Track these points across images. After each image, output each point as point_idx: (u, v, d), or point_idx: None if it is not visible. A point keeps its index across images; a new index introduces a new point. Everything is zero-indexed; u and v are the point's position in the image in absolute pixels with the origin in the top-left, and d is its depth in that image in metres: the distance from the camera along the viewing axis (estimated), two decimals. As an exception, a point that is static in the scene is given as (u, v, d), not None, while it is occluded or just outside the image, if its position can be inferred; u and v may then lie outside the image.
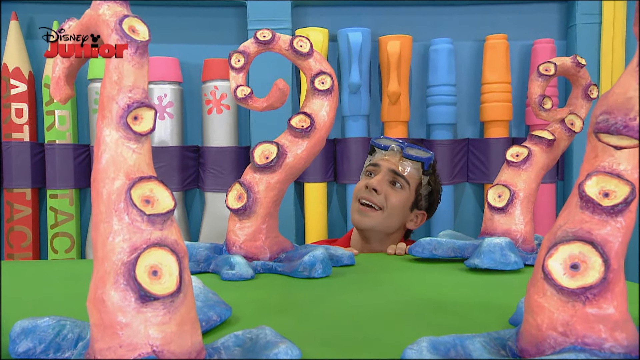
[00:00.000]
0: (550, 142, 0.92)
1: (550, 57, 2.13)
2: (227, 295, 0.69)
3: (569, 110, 0.96)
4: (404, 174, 1.17)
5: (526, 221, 0.88)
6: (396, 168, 1.16)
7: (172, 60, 2.12)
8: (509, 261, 0.79)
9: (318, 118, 0.87)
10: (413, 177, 1.18)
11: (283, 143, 0.86)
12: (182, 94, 2.18)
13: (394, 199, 1.16)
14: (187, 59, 2.19)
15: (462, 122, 2.28)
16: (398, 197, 1.17)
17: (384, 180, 1.16)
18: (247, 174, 0.85)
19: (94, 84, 2.08)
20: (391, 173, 1.16)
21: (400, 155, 1.16)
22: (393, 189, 1.17)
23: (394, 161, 1.17)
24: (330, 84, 0.88)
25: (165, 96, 2.12)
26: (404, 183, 1.17)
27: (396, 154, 1.17)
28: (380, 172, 1.17)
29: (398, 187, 1.17)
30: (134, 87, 0.43)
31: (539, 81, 0.94)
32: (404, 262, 0.92)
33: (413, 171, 1.18)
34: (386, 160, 1.17)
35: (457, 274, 0.81)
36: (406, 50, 2.17)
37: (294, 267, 0.79)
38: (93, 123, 2.12)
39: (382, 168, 1.17)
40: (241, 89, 0.87)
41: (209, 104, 2.16)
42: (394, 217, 1.17)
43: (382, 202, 1.15)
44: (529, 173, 0.90)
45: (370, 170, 1.20)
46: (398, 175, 1.17)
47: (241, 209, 0.83)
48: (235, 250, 0.84)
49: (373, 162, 1.19)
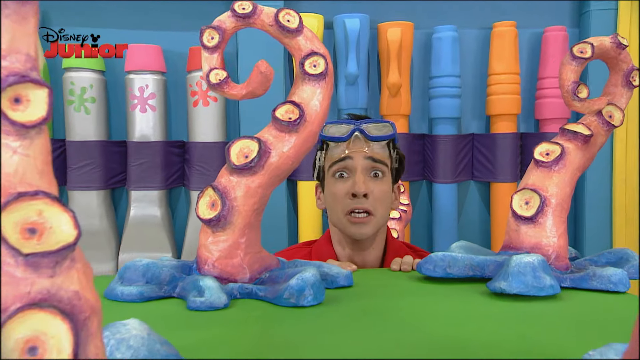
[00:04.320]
0: (587, 138, 0.77)
1: (562, 46, 1.98)
2: (189, 334, 0.54)
3: (607, 100, 0.81)
4: (381, 158, 1.00)
5: (559, 233, 0.73)
6: (370, 154, 0.98)
7: (155, 48, 1.96)
8: (544, 285, 0.64)
9: (309, 108, 0.71)
10: (386, 156, 1.01)
11: (266, 139, 0.70)
12: (166, 84, 2.03)
13: (380, 193, 0.99)
14: (171, 47, 2.03)
15: (466, 116, 2.13)
16: (383, 187, 1.00)
17: (365, 176, 0.98)
18: (222, 177, 0.70)
19: (70, 73, 1.91)
20: (368, 162, 0.98)
21: (365, 139, 0.98)
22: (375, 182, 0.99)
23: (363, 147, 0.98)
24: (324, 67, 0.73)
25: (147, 87, 1.96)
26: (383, 168, 1.00)
27: (361, 140, 0.98)
28: (357, 169, 0.98)
29: (379, 176, 1.00)
30: (10, 52, 0.27)
31: (572, 65, 0.79)
32: (412, 282, 0.77)
33: (382, 151, 1.00)
34: (356, 152, 0.98)
35: (479, 300, 0.66)
36: (407, 38, 2.02)
37: (278, 292, 0.64)
38: (69, 116, 1.96)
39: (356, 163, 0.98)
40: (215, 72, 0.72)
41: (194, 95, 2.01)
42: (385, 211, 1.01)
43: (373, 205, 0.98)
44: (562, 175, 0.75)
45: (341, 169, 1.00)
46: (376, 162, 0.99)
47: (214, 220, 0.67)
48: (208, 269, 0.69)
49: (339, 158, 0.99)
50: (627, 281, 0.69)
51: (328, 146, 1.03)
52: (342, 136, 0.98)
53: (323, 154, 1.04)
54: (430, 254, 1.08)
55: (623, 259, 0.77)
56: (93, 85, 1.93)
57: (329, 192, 1.02)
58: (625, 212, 1.95)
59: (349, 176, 0.99)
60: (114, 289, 0.66)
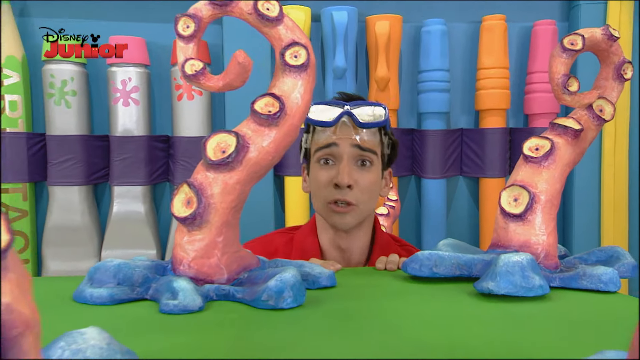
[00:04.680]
0: (577, 133, 0.75)
1: (552, 40, 1.96)
2: (161, 339, 0.51)
3: (598, 93, 0.79)
4: (370, 147, 0.93)
5: (549, 231, 0.70)
6: (358, 142, 0.92)
7: (138, 40, 1.91)
8: (533, 285, 0.61)
9: (289, 101, 0.68)
10: (376, 143, 0.94)
11: (244, 133, 0.67)
12: (149, 77, 1.98)
13: (367, 183, 0.93)
14: (155, 39, 1.98)
15: (455, 111, 2.11)
16: (370, 177, 0.94)
17: (351, 166, 0.92)
18: (198, 173, 0.67)
19: (50, 65, 1.86)
20: (355, 150, 0.92)
21: (353, 125, 0.91)
22: (362, 171, 0.93)
23: (351, 134, 0.92)
24: (306, 58, 0.70)
25: (130, 80, 1.91)
26: (372, 156, 0.94)
27: (349, 126, 0.92)
28: (343, 157, 0.92)
29: (367, 165, 0.94)
30: None
31: (562, 57, 0.76)
32: (397, 281, 0.74)
33: (372, 137, 0.94)
34: (342, 139, 0.92)
35: (466, 302, 0.63)
36: (396, 31, 1.99)
37: (256, 294, 0.61)
38: (50, 109, 1.90)
39: (342, 151, 0.92)
40: (191, 63, 0.68)
41: (179, 89, 1.96)
42: (372, 200, 0.96)
43: (358, 197, 0.93)
44: (552, 171, 0.73)
45: (326, 156, 0.94)
46: (364, 151, 0.92)
47: (190, 218, 0.64)
48: (183, 270, 0.66)
49: (325, 144, 0.93)
50: (617, 280, 0.66)
51: (314, 129, 0.96)
52: (329, 121, 0.92)
53: (309, 137, 0.98)
54: (417, 251, 1.05)
55: (613, 257, 0.75)
56: (74, 78, 1.88)
57: (313, 177, 0.97)
58: (613, 209, 1.94)
59: (334, 164, 0.94)
60: (82, 291, 0.63)
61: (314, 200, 0.98)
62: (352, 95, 1.02)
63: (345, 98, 1.00)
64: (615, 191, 1.95)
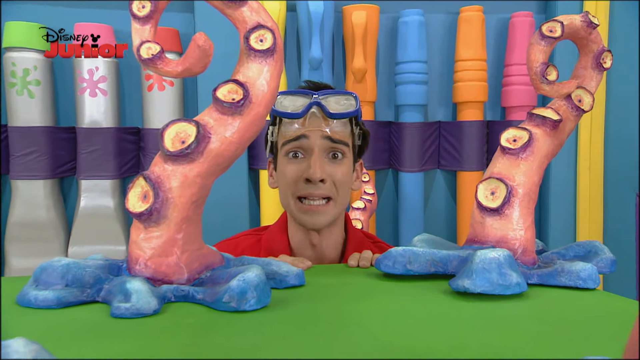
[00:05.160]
0: (556, 124, 0.72)
1: (529, 32, 1.95)
2: (110, 345, 0.47)
3: (577, 83, 0.77)
4: (341, 138, 0.88)
5: (527, 226, 0.68)
6: (329, 133, 0.87)
7: (106, 28, 1.83)
8: (510, 283, 0.58)
9: (254, 88, 0.64)
10: (347, 134, 0.90)
11: (206, 122, 0.62)
12: (118, 67, 1.90)
13: (340, 176, 0.88)
14: (123, 26, 1.90)
15: (433, 103, 2.09)
16: (343, 170, 0.89)
17: (322, 159, 0.87)
18: (155, 165, 0.62)
19: (11, 53, 1.77)
20: (326, 142, 0.87)
21: (323, 116, 0.86)
22: (334, 164, 0.88)
23: (321, 125, 0.87)
24: (272, 42, 0.65)
25: (97, 69, 1.83)
26: (344, 148, 0.89)
27: (319, 117, 0.87)
28: (314, 150, 0.86)
29: (339, 157, 0.89)
30: None
31: (541, 45, 0.73)
32: (370, 279, 0.70)
33: (343, 128, 0.89)
34: (312, 131, 0.87)
35: (441, 301, 0.60)
36: (373, 22, 1.95)
37: (217, 295, 0.57)
38: (12, 99, 1.81)
39: (313, 143, 0.87)
40: (147, 46, 0.63)
41: (149, 79, 1.89)
42: (346, 195, 0.91)
43: (331, 190, 0.88)
44: (530, 163, 0.70)
45: (295, 149, 0.88)
46: (335, 143, 0.88)
47: (146, 213, 0.59)
48: (139, 269, 0.61)
49: (293, 136, 0.87)
50: (596, 277, 0.64)
51: (281, 120, 0.91)
52: (297, 112, 0.86)
53: (276, 129, 0.92)
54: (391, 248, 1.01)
55: (592, 252, 0.73)
56: (37, 67, 1.80)
57: (281, 172, 0.91)
58: (589, 202, 1.95)
59: (304, 157, 0.89)
60: (26, 293, 0.57)
61: (282, 197, 0.93)
62: (320, 84, 0.96)
63: (312, 87, 0.94)
64: (590, 184, 1.95)
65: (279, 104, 0.87)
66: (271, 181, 0.99)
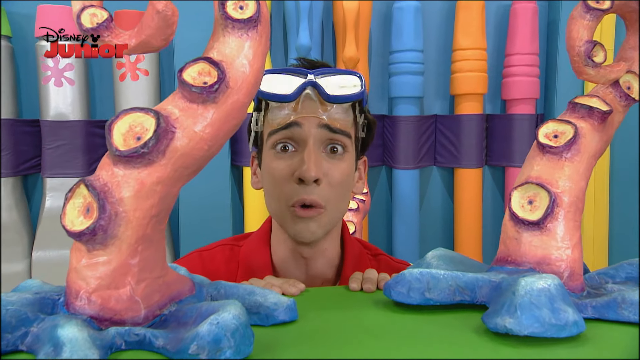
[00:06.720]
0: (605, 116, 0.59)
1: (532, 19, 1.82)
2: None
3: (627, 67, 0.63)
4: (342, 127, 0.72)
5: (574, 243, 0.54)
6: (327, 121, 0.70)
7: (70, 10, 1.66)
8: (566, 322, 0.45)
9: (233, 69, 0.49)
10: (349, 123, 0.73)
11: (169, 112, 0.48)
12: (86, 54, 1.73)
13: (339, 176, 0.72)
14: (93, 10, 1.73)
15: (429, 96, 1.95)
16: (343, 168, 0.73)
17: (318, 153, 0.71)
18: (102, 169, 0.47)
19: (-35, 38, 1.59)
20: (323, 132, 0.71)
21: (320, 99, 0.70)
22: (333, 160, 0.72)
23: (317, 111, 0.70)
24: (255, 10, 0.51)
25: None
26: (345, 140, 0.73)
27: (315, 100, 0.70)
28: (308, 142, 0.70)
29: (339, 152, 0.73)
30: None
31: (585, 19, 0.60)
32: (379, 311, 0.56)
33: (345, 115, 0.72)
34: (306, 117, 0.70)
35: (476, 346, 0.46)
36: (366, 8, 1.81)
37: (182, 343, 0.43)
38: (-32, 90, 1.63)
39: (307, 133, 0.70)
40: (91, 12, 0.48)
41: (121, 68, 1.72)
42: (344, 200, 0.75)
43: (327, 196, 0.71)
44: (576, 164, 0.57)
45: (284, 140, 0.72)
46: (335, 133, 0.71)
47: (88, 233, 0.44)
48: (81, 306, 0.46)
49: (283, 125, 0.71)
50: (667, 309, 0.51)
51: (268, 105, 0.73)
52: (288, 94, 0.69)
53: (261, 116, 0.75)
54: (391, 260, 0.86)
55: (647, 272, 0.60)
56: (-5, 53, 1.62)
57: (267, 170, 0.74)
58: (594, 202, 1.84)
59: (295, 150, 0.72)
60: None
61: (269, 201, 0.76)
62: (317, 62, 0.79)
63: (307, 65, 0.78)
64: (595, 184, 1.84)
65: (266, 84, 0.70)
66: (255, 180, 0.83)
